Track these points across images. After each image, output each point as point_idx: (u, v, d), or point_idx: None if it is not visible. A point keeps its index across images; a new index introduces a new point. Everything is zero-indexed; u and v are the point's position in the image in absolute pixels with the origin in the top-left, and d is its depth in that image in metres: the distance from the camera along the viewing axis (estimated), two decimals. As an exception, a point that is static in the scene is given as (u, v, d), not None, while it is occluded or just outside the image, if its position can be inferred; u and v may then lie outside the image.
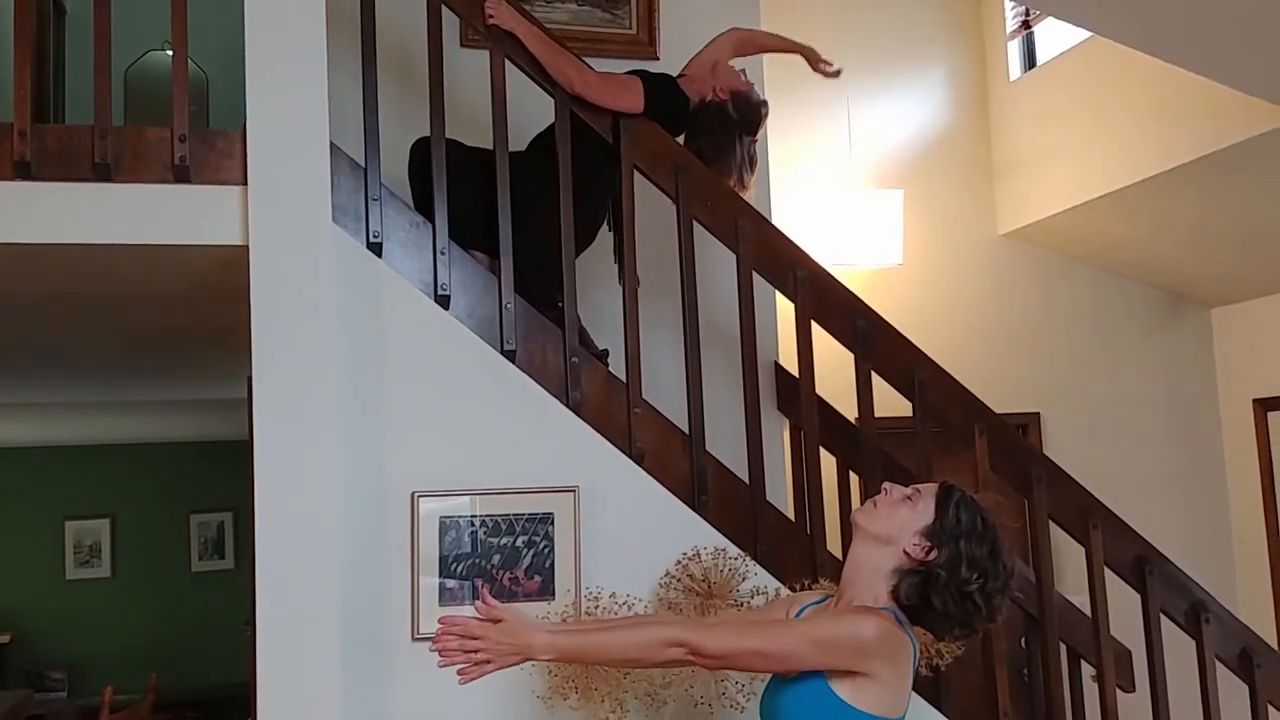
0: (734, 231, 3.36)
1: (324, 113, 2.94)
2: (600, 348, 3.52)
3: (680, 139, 3.53)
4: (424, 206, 3.27)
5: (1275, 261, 5.45)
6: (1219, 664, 3.47)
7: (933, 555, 2.24)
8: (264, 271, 2.86)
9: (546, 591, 3.07)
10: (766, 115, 3.69)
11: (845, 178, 5.57)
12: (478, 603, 2.27)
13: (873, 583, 2.28)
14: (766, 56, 4.43)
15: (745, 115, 3.60)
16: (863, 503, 2.98)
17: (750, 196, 3.59)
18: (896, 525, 2.28)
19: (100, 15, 2.90)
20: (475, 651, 2.20)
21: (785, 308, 3.58)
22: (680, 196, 3.34)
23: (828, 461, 3.63)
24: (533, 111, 3.50)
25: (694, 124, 3.57)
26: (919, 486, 2.35)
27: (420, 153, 3.45)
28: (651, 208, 3.52)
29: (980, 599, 2.25)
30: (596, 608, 3.04)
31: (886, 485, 2.37)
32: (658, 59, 4.24)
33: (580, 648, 2.33)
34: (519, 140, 3.48)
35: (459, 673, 2.22)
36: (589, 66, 3.35)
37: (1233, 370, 6.01)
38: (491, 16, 3.24)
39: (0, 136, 2.82)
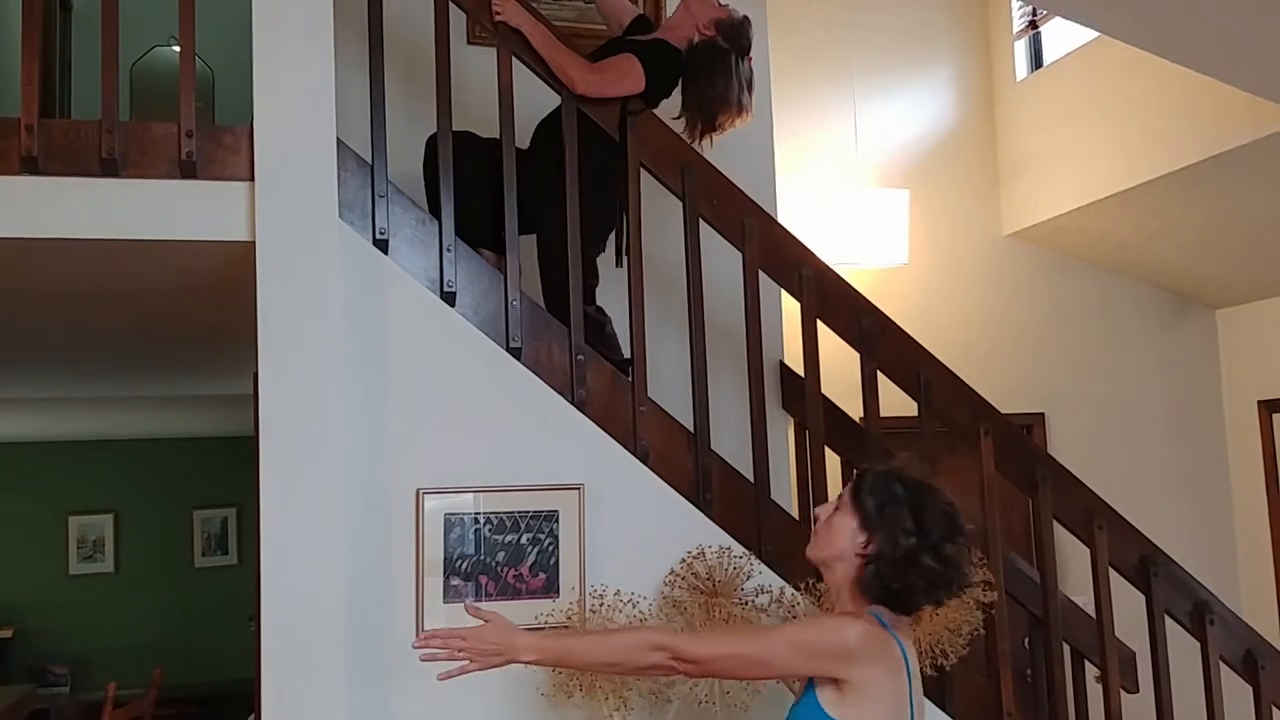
0: (740, 230, 3.36)
1: (331, 109, 2.94)
2: (624, 355, 3.50)
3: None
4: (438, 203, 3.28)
5: (1281, 263, 5.45)
6: (1223, 665, 3.47)
7: (872, 545, 2.25)
8: (270, 268, 2.85)
9: (551, 589, 3.06)
10: (752, 28, 3.64)
11: (851, 177, 5.56)
12: (467, 603, 2.29)
13: (851, 598, 2.30)
14: (773, 58, 4.46)
15: (734, 38, 3.58)
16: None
17: (749, 120, 3.58)
18: (838, 540, 2.30)
19: (108, 11, 2.90)
20: (460, 652, 2.24)
21: (791, 306, 3.58)
22: (687, 195, 3.34)
23: (832, 461, 3.63)
24: (539, 108, 3.50)
25: (691, 69, 3.56)
26: (841, 493, 2.36)
27: (436, 148, 3.44)
28: (657, 205, 3.52)
29: (930, 558, 2.23)
30: (601, 605, 3.03)
31: (815, 512, 2.39)
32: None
33: (562, 649, 2.36)
34: (524, 136, 3.47)
35: (439, 676, 2.26)
36: (589, 63, 3.35)
37: (1238, 372, 6.01)
38: (499, 13, 3.23)
39: (7, 131, 2.82)
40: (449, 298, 3.13)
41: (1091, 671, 3.59)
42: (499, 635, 2.26)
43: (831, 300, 3.41)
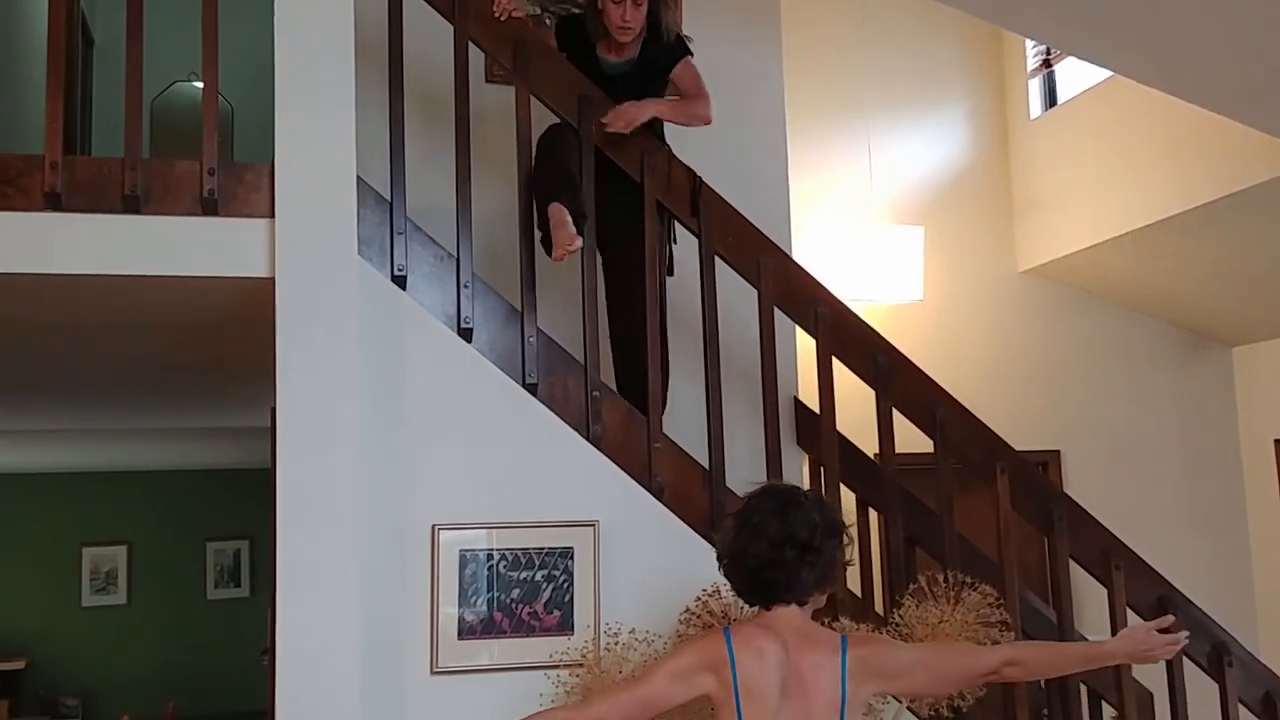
0: (755, 267, 3.38)
1: (351, 147, 2.97)
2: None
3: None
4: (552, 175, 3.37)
5: (1297, 301, 5.44)
6: (1242, 707, 3.44)
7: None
8: (289, 303, 2.87)
9: (566, 627, 3.06)
10: None
11: (866, 214, 5.58)
12: None
13: None
14: (788, 96, 4.49)
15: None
16: (882, 538, 3.04)
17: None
18: None
19: (132, 50, 2.93)
20: None
21: (806, 343, 3.59)
22: (702, 232, 3.35)
23: (847, 498, 3.62)
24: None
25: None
26: None
27: (552, 134, 3.46)
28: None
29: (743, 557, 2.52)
30: (616, 644, 3.02)
31: None
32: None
33: None
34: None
35: None
36: (699, 98, 3.58)
37: (1254, 409, 5.98)
38: (624, 127, 3.34)
39: (31, 168, 2.85)
40: (466, 334, 3.15)
41: (1109, 712, 3.56)
42: None
43: (846, 337, 3.42)
